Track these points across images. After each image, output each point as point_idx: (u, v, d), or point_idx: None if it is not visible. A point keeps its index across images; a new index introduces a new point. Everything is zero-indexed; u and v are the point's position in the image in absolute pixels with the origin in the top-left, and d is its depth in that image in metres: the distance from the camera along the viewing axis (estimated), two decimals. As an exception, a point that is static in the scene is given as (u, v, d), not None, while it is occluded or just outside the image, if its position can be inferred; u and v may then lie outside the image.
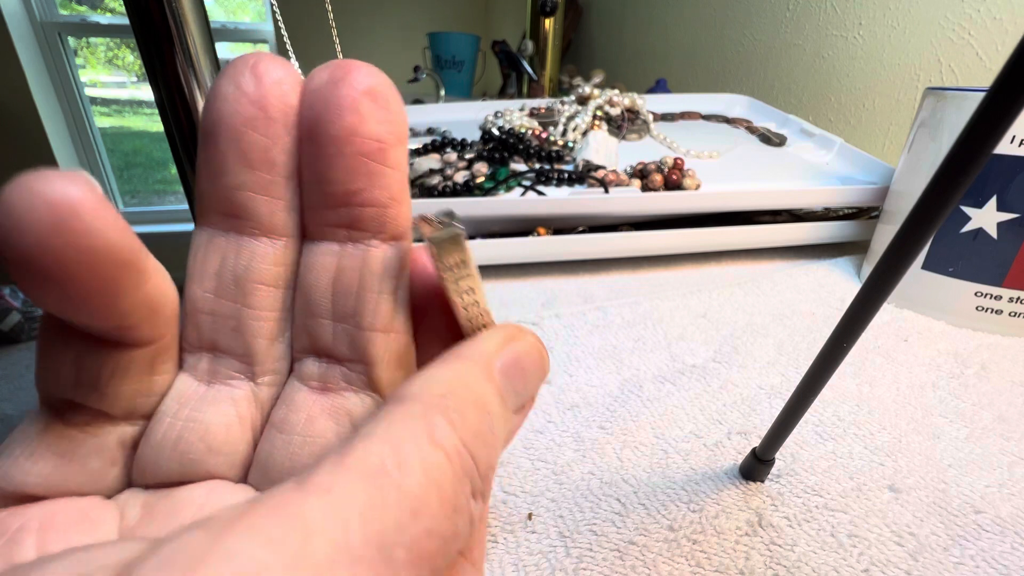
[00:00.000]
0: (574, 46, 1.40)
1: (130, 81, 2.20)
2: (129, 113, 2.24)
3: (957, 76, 0.53)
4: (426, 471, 0.07)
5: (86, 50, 2.07)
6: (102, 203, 0.07)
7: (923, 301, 0.34)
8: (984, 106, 0.10)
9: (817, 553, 0.18)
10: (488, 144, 0.48)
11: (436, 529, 0.07)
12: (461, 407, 0.08)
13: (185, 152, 0.37)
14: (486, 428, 0.08)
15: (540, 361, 0.10)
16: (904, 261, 0.12)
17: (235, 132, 0.09)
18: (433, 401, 0.07)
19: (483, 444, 0.08)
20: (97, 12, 1.99)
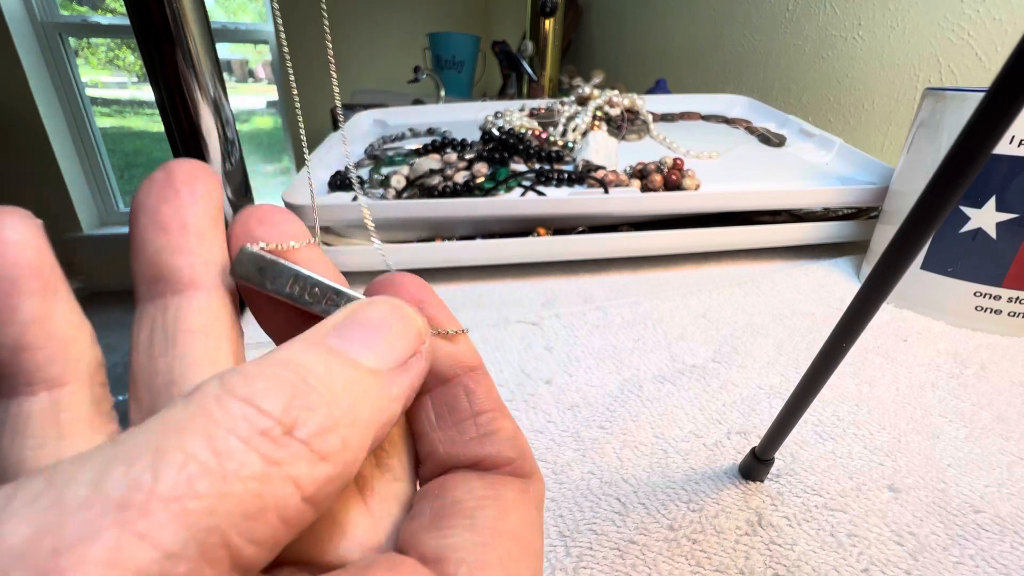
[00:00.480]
0: (574, 46, 1.40)
1: (131, 81, 2.20)
2: (130, 113, 2.24)
3: (956, 76, 0.53)
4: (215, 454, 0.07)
5: (87, 50, 2.07)
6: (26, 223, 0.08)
7: (922, 301, 0.34)
8: (983, 106, 0.10)
9: (817, 552, 0.18)
10: (488, 144, 0.48)
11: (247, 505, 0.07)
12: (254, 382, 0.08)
13: (186, 152, 0.37)
14: (301, 389, 0.08)
15: (395, 313, 0.10)
16: (903, 261, 0.12)
17: (150, 210, 0.10)
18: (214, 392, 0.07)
19: (304, 407, 0.08)
20: (98, 12, 1.99)
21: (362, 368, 0.09)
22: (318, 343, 0.09)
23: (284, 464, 0.07)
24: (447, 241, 0.40)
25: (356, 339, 0.09)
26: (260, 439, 0.07)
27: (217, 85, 0.36)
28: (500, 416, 0.11)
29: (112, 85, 2.17)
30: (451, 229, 0.41)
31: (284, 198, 0.37)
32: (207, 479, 0.06)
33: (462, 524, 0.09)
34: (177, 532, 0.06)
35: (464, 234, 0.41)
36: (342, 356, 0.09)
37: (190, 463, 0.06)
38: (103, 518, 0.06)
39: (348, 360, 0.09)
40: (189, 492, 0.06)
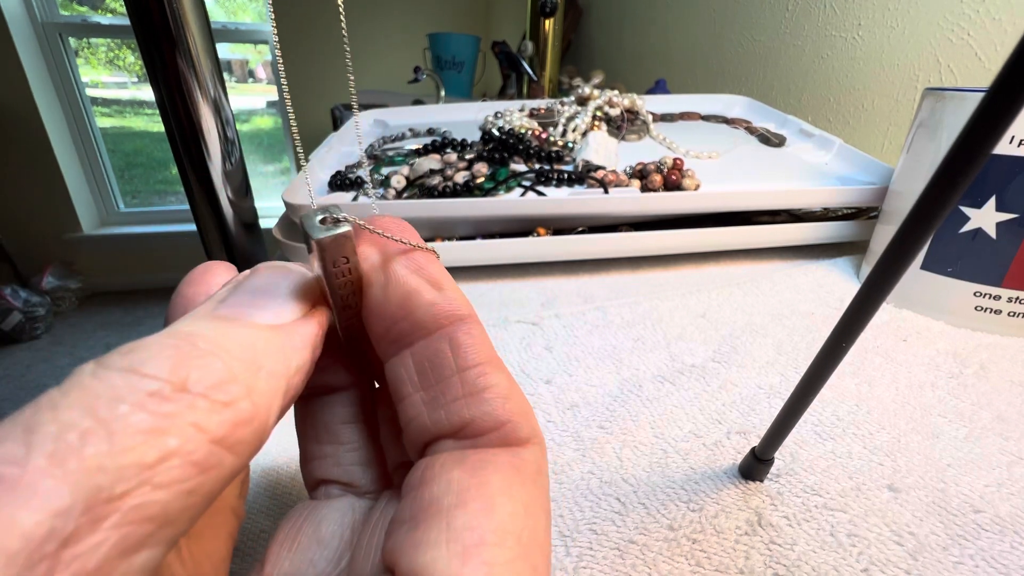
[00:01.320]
0: (574, 47, 1.40)
1: (131, 82, 2.20)
2: (130, 113, 2.24)
3: (956, 76, 0.53)
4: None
5: (87, 50, 2.07)
6: None
7: (922, 301, 0.34)
8: (983, 106, 0.10)
9: (816, 552, 0.18)
10: (488, 144, 0.48)
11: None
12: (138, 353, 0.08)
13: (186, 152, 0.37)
14: (187, 351, 0.08)
15: (278, 272, 0.10)
16: (903, 261, 0.12)
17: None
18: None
19: (194, 367, 0.08)
20: (98, 13, 1.99)
21: (256, 326, 0.09)
22: (204, 315, 0.09)
23: (180, 415, 0.07)
24: (447, 241, 0.40)
25: (243, 303, 0.09)
26: (149, 399, 0.07)
27: (217, 85, 0.36)
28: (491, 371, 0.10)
29: (112, 85, 2.17)
30: (451, 229, 0.41)
31: (284, 198, 0.37)
32: (90, 441, 0.06)
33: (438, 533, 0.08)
34: (62, 492, 0.06)
35: (464, 234, 0.41)
36: (232, 319, 0.09)
37: (67, 431, 0.06)
38: None
39: (240, 322, 0.09)
40: (70, 455, 0.06)
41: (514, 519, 0.08)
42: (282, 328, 0.09)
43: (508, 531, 0.08)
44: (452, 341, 0.10)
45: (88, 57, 2.08)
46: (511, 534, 0.08)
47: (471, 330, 0.10)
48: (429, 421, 0.10)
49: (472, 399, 0.10)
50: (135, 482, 0.07)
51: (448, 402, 0.10)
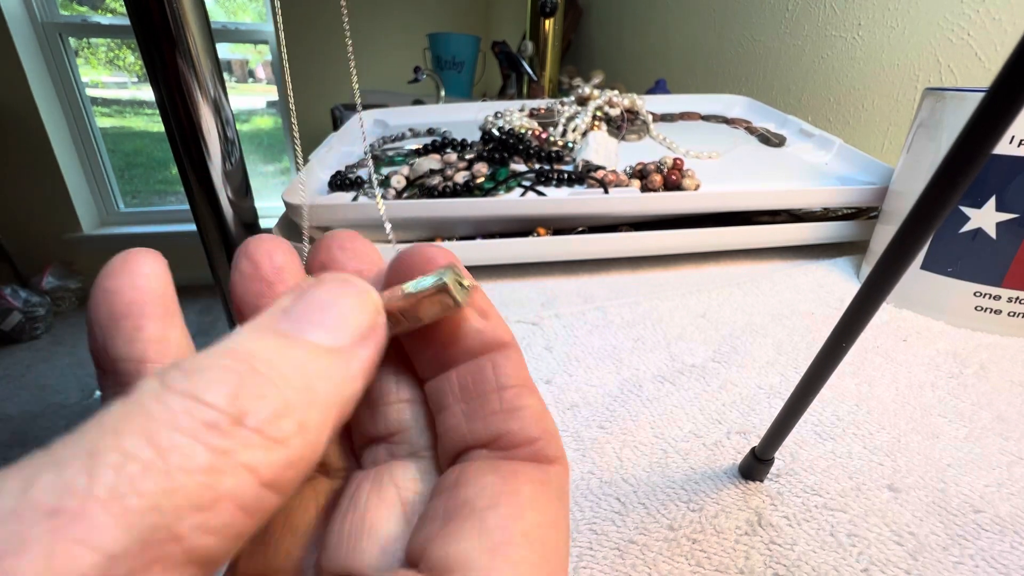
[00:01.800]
0: (574, 47, 1.40)
1: (131, 82, 2.20)
2: (130, 113, 2.24)
3: (956, 76, 0.53)
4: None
5: (87, 50, 2.07)
6: None
7: (922, 301, 0.34)
8: (983, 106, 0.10)
9: (817, 552, 0.18)
10: (488, 145, 0.48)
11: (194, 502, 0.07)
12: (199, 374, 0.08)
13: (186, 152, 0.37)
14: (247, 377, 0.08)
15: (343, 288, 0.10)
16: (903, 261, 0.12)
17: (252, 307, 0.11)
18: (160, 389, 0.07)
19: (253, 396, 0.07)
20: (98, 13, 1.99)
21: (315, 347, 0.09)
22: (265, 328, 0.09)
23: (235, 453, 0.07)
24: (447, 241, 0.40)
25: (305, 319, 0.09)
26: (206, 431, 0.07)
27: (217, 85, 0.36)
28: (527, 393, 0.11)
29: (112, 85, 2.17)
30: (451, 229, 0.41)
31: (284, 198, 0.37)
32: (149, 476, 0.06)
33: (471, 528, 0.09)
34: (118, 532, 0.06)
35: (464, 234, 0.41)
36: (292, 338, 0.09)
37: (129, 462, 0.06)
38: (33, 527, 0.06)
39: (299, 341, 0.09)
40: (130, 490, 0.06)
41: (540, 528, 0.09)
42: (340, 352, 0.09)
43: (535, 537, 0.09)
44: (494, 363, 0.11)
45: (88, 57, 2.07)
46: (537, 540, 0.09)
47: (511, 355, 0.11)
48: (467, 430, 0.11)
49: (508, 414, 0.10)
50: (187, 526, 0.06)
51: (486, 415, 0.10)
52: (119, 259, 0.10)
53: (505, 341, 0.11)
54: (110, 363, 0.10)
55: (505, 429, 0.10)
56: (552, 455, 0.10)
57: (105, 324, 0.10)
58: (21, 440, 1.32)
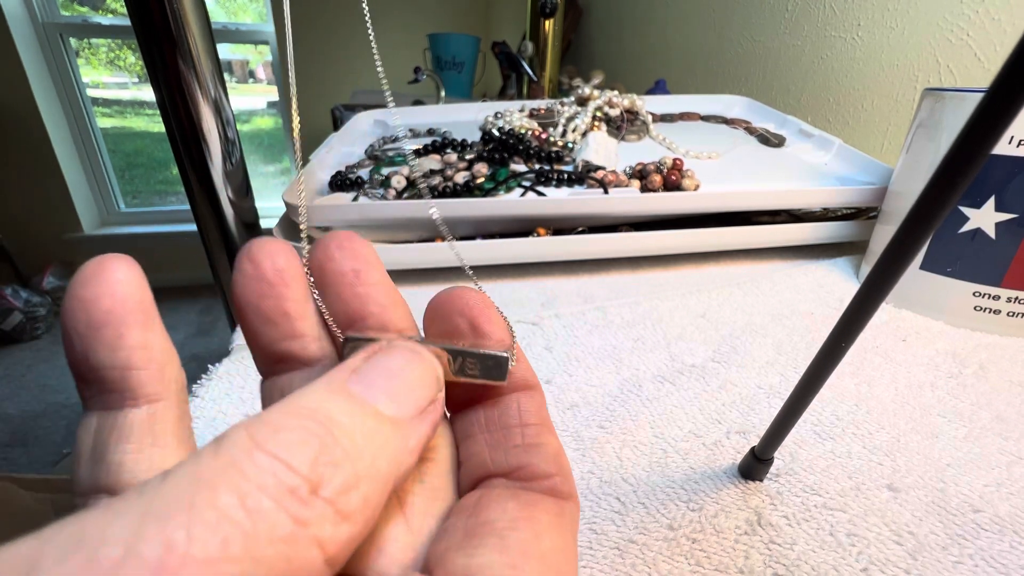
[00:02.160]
0: (574, 47, 1.40)
1: (131, 82, 2.20)
2: (131, 114, 2.24)
3: (955, 77, 0.53)
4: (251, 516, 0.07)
5: (88, 51, 2.08)
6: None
7: (921, 301, 0.34)
8: (982, 107, 0.10)
9: (816, 552, 0.18)
10: (488, 145, 0.48)
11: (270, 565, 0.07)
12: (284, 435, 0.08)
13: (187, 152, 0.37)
14: (327, 442, 0.08)
15: (414, 361, 0.10)
16: (902, 261, 0.12)
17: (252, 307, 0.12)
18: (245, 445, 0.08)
19: (329, 463, 0.08)
20: (98, 13, 2.00)
21: (382, 417, 0.09)
22: (339, 389, 0.09)
23: (310, 525, 0.07)
24: (447, 241, 0.40)
25: (376, 385, 0.09)
26: (289, 498, 0.07)
27: (217, 85, 0.36)
28: (546, 432, 0.12)
29: (113, 86, 2.17)
30: (451, 229, 0.41)
31: (284, 198, 0.37)
32: (240, 540, 0.07)
33: (492, 544, 0.09)
34: None
35: (464, 234, 0.41)
36: (363, 403, 0.09)
37: (223, 523, 0.07)
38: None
39: (369, 408, 0.09)
40: (224, 555, 0.06)
41: (555, 553, 0.10)
42: (403, 425, 0.09)
43: (550, 560, 0.10)
44: (520, 402, 0.12)
45: (89, 57, 2.08)
46: (552, 564, 0.10)
47: (535, 396, 0.12)
48: (489, 459, 0.11)
49: (529, 449, 0.11)
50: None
51: (509, 447, 0.11)
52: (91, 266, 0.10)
53: (531, 384, 0.12)
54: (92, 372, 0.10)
55: (525, 462, 0.11)
56: (566, 492, 0.11)
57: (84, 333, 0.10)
58: (21, 440, 1.32)
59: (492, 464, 0.11)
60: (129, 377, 0.10)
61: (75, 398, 1.51)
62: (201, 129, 0.36)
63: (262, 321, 0.12)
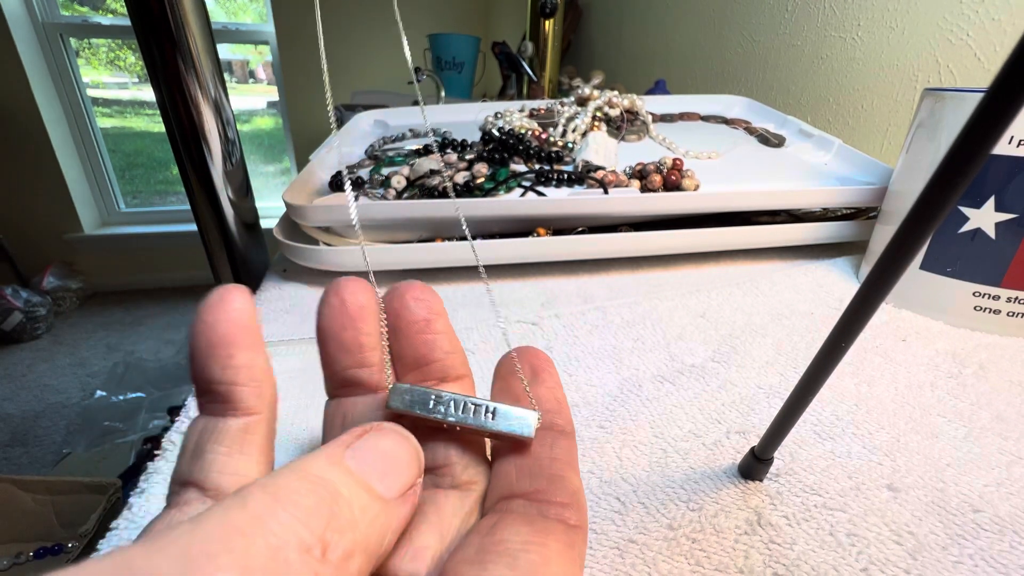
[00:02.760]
0: (573, 47, 1.40)
1: (131, 82, 2.20)
2: (131, 114, 2.25)
3: (955, 77, 0.53)
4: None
5: (88, 51, 2.08)
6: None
7: (921, 301, 0.34)
8: (982, 107, 0.10)
9: (816, 552, 0.18)
10: (488, 145, 0.48)
11: None
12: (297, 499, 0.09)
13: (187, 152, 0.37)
14: (335, 511, 0.09)
15: (403, 445, 0.11)
16: (902, 261, 0.12)
17: (334, 336, 0.14)
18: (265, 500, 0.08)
19: (335, 530, 0.09)
20: (99, 13, 2.00)
21: (375, 494, 0.10)
22: (338, 461, 0.10)
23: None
24: (447, 241, 0.40)
25: (369, 463, 0.10)
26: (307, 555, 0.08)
27: (218, 85, 0.36)
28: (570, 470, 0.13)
29: (113, 86, 2.17)
30: (451, 229, 0.41)
31: (284, 198, 0.37)
32: None
33: (503, 562, 0.10)
34: None
35: (464, 234, 0.41)
36: (360, 479, 0.10)
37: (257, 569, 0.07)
38: None
39: (364, 484, 0.10)
40: None
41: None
42: (389, 504, 0.10)
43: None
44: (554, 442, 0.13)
45: (89, 57, 2.08)
46: None
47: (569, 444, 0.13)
48: (515, 480, 0.12)
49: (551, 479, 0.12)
50: None
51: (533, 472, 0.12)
52: (216, 295, 0.12)
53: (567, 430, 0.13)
54: (206, 384, 0.12)
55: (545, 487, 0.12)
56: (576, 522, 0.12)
57: (204, 352, 0.12)
58: (21, 440, 1.32)
59: (516, 485, 0.12)
60: (234, 391, 0.12)
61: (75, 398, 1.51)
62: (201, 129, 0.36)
63: (340, 349, 0.14)
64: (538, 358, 0.14)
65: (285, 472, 0.09)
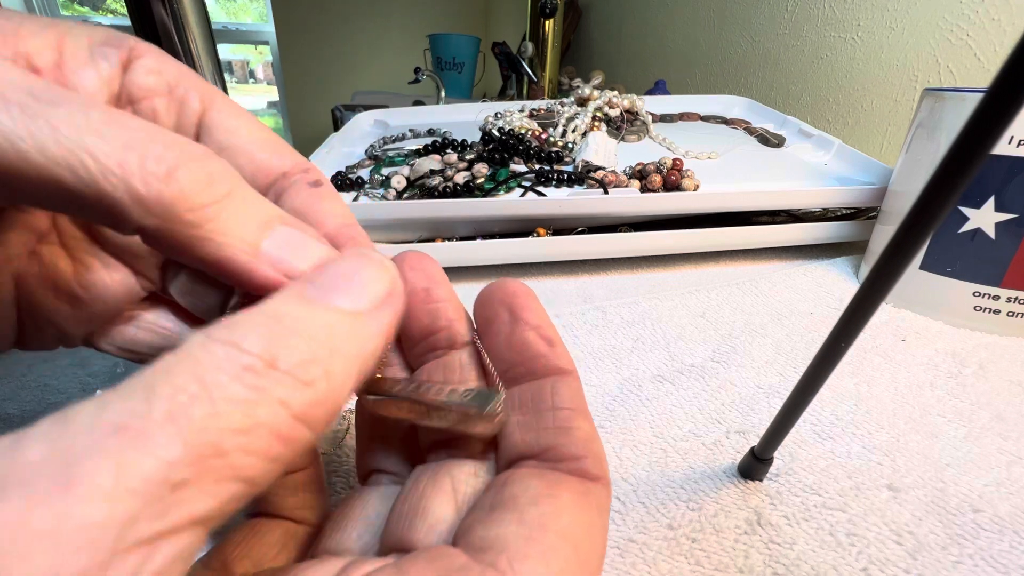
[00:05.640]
0: (573, 48, 1.40)
1: (130, 82, 2.20)
2: (129, 114, 2.24)
3: (955, 77, 0.53)
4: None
5: (86, 51, 2.07)
6: None
7: (921, 301, 0.34)
8: (982, 107, 0.10)
9: (816, 552, 0.18)
10: (488, 145, 0.48)
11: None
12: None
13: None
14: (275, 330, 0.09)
15: (363, 260, 0.11)
16: (902, 261, 0.12)
17: None
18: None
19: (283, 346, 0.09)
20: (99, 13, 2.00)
21: (339, 311, 0.10)
22: (295, 295, 0.10)
23: (268, 390, 0.08)
24: (447, 242, 0.40)
25: (329, 287, 0.10)
26: (244, 373, 0.08)
27: (218, 85, 0.36)
28: (579, 416, 0.12)
29: (112, 85, 2.17)
30: (451, 230, 0.41)
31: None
32: (197, 405, 0.07)
33: (512, 517, 0.10)
34: (173, 445, 0.07)
35: (464, 234, 0.41)
36: (318, 303, 0.10)
37: (179, 394, 0.07)
38: (107, 438, 0.07)
39: (325, 306, 0.10)
40: (182, 415, 0.07)
41: (574, 529, 0.10)
42: (361, 315, 0.10)
43: (568, 536, 0.10)
44: (554, 386, 0.12)
45: (88, 57, 2.07)
46: (570, 539, 0.10)
47: (571, 382, 0.12)
48: (520, 440, 0.12)
49: (559, 432, 0.11)
50: (231, 445, 0.08)
51: (539, 429, 0.12)
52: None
53: (566, 369, 0.12)
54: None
55: (554, 443, 0.11)
56: (595, 473, 0.11)
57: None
58: (21, 440, 1.32)
59: (523, 445, 0.12)
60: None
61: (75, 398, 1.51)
62: (201, 129, 0.36)
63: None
64: (515, 295, 0.13)
65: (236, 315, 0.09)
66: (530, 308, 0.13)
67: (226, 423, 0.08)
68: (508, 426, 0.12)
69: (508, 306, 0.13)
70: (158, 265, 0.15)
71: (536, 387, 0.12)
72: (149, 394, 0.07)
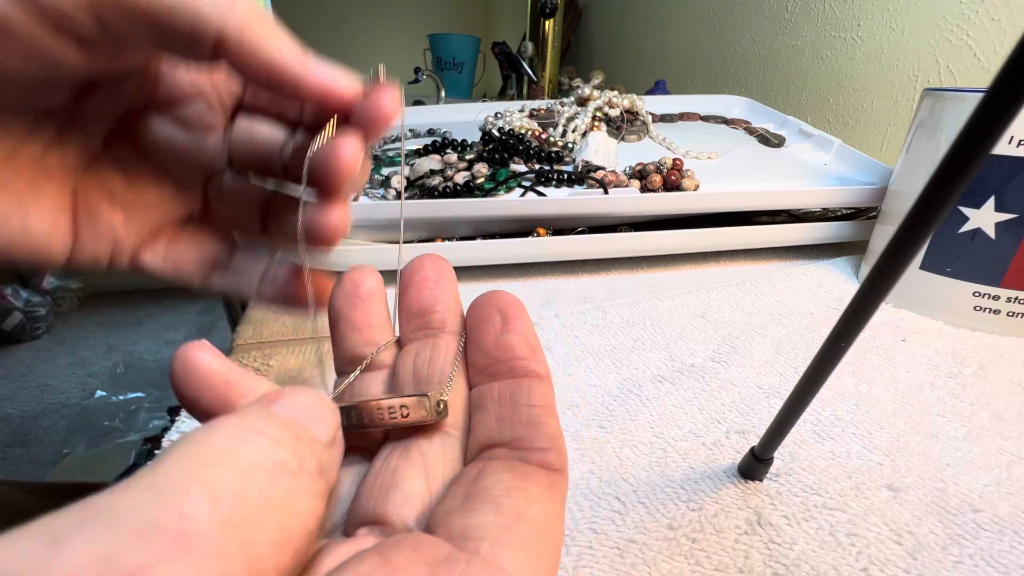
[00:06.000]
0: (573, 47, 1.40)
1: (130, 82, 2.20)
2: (129, 114, 2.24)
3: (955, 77, 0.53)
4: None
5: (86, 51, 2.07)
6: None
7: (921, 301, 0.34)
8: (982, 107, 0.10)
9: (816, 551, 0.18)
10: (488, 145, 0.48)
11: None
12: None
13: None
14: (300, 435, 0.10)
15: (318, 399, 0.12)
16: (902, 261, 0.12)
17: (346, 316, 0.15)
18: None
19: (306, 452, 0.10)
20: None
21: (313, 439, 0.10)
22: (266, 416, 0.10)
23: (297, 494, 0.09)
24: (447, 241, 0.40)
25: (297, 413, 0.11)
26: (281, 470, 0.09)
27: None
28: (547, 414, 0.13)
29: (112, 85, 2.17)
30: (451, 229, 0.41)
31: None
32: (242, 509, 0.08)
33: (489, 508, 0.11)
34: (228, 556, 0.07)
35: (464, 234, 0.41)
36: (296, 426, 0.10)
37: (225, 497, 0.08)
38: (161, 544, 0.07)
39: (299, 429, 0.10)
40: (233, 527, 0.08)
41: (544, 518, 0.11)
42: (326, 448, 0.11)
43: (539, 524, 0.11)
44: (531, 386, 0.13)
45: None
46: (541, 527, 0.11)
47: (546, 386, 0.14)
48: (495, 429, 0.13)
49: (530, 424, 0.13)
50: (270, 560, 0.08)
51: (514, 420, 0.13)
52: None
53: (542, 374, 0.14)
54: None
55: (525, 433, 0.13)
56: (558, 466, 0.12)
57: None
58: (21, 440, 1.32)
59: (497, 433, 0.13)
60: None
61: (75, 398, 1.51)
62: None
63: (351, 328, 0.15)
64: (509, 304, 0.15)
65: (235, 416, 0.10)
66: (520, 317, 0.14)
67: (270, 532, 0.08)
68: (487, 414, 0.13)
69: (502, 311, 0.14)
70: (201, 177, 0.18)
71: (515, 384, 0.14)
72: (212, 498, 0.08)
